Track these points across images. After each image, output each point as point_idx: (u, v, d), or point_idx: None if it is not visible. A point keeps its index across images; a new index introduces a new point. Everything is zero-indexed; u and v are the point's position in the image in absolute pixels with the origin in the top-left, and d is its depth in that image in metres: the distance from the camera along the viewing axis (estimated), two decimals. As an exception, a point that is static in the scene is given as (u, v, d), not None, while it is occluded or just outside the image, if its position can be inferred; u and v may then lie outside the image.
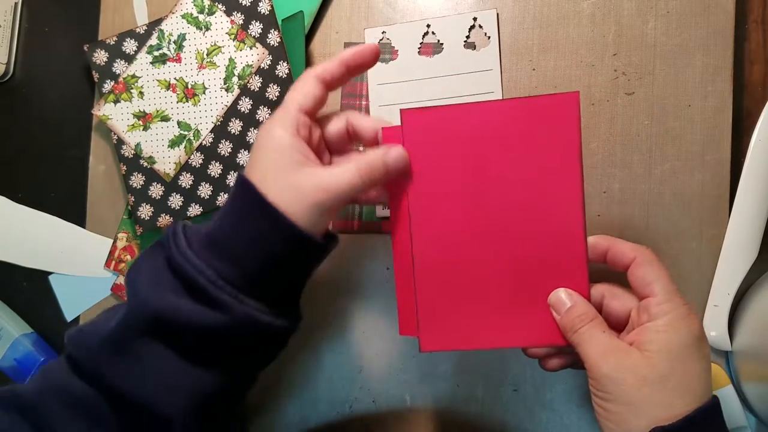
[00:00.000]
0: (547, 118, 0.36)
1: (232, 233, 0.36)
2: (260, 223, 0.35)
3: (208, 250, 0.35)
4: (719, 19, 0.47)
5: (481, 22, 0.49)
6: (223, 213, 0.37)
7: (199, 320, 0.34)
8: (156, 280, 0.35)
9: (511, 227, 0.37)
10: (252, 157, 0.37)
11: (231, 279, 0.34)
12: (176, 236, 0.36)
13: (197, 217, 0.52)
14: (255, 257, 0.35)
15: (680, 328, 0.34)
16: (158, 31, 0.51)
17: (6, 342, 0.52)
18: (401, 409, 0.49)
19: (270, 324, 0.35)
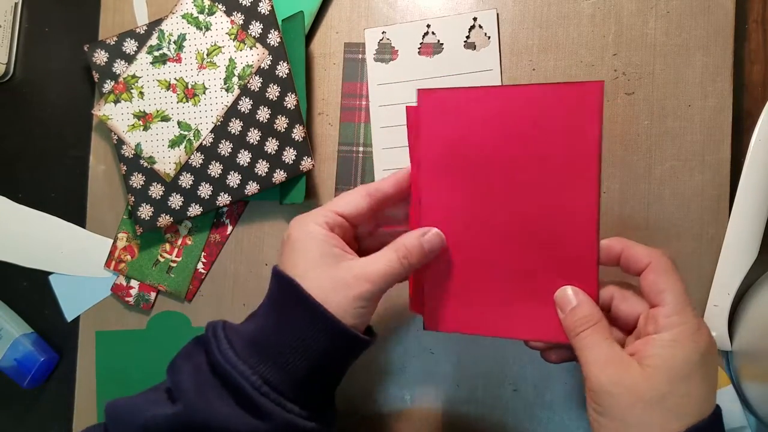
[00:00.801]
0: (568, 107, 0.35)
1: (276, 334, 0.35)
2: (305, 322, 0.34)
3: (252, 353, 0.34)
4: (719, 19, 0.47)
5: (481, 22, 0.49)
6: (264, 311, 0.36)
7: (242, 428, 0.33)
8: (200, 384, 0.35)
9: (524, 217, 0.36)
10: (286, 251, 0.37)
11: (275, 384, 0.34)
12: (217, 337, 0.35)
13: (197, 217, 0.52)
14: (300, 359, 0.34)
15: (686, 344, 0.32)
16: (158, 31, 0.51)
17: (6, 342, 0.53)
18: (401, 409, 0.49)
19: (311, 429, 0.35)
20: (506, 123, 0.35)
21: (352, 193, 0.38)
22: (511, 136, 0.36)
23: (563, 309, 0.36)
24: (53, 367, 0.54)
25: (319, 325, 0.34)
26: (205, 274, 0.52)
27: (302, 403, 0.35)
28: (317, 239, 0.36)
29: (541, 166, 0.35)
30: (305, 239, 0.36)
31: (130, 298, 0.53)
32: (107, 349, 0.53)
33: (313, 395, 0.36)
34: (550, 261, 0.36)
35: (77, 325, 0.54)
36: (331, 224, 0.37)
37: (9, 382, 0.53)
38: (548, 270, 0.36)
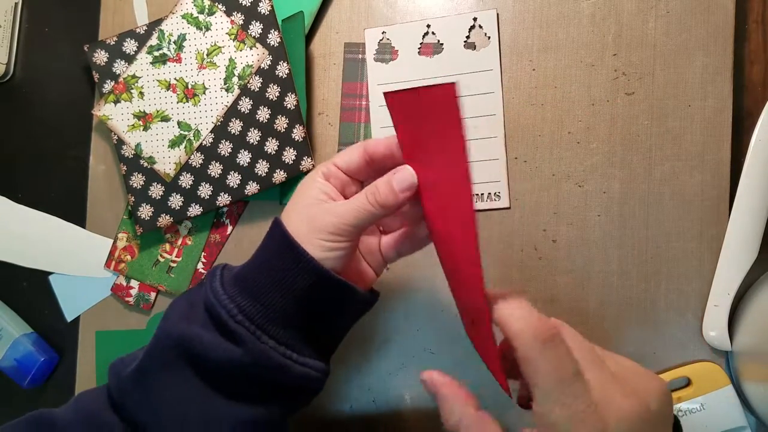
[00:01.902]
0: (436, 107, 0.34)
1: (258, 268, 0.37)
2: (280, 256, 0.36)
3: (235, 286, 0.36)
4: (719, 19, 0.47)
5: (481, 22, 0.49)
6: (256, 252, 0.38)
7: (216, 351, 0.35)
8: (187, 314, 0.37)
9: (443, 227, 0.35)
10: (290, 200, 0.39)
11: (252, 315, 0.35)
12: (213, 274, 0.37)
13: (197, 217, 0.52)
14: (277, 294, 0.36)
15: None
16: (158, 31, 0.51)
17: (6, 342, 0.53)
18: (401, 408, 0.49)
19: (286, 366, 0.35)
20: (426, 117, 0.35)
21: (351, 148, 0.39)
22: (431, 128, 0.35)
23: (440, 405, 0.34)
24: (53, 367, 0.54)
25: (291, 258, 0.35)
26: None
27: (282, 341, 0.36)
28: (311, 185, 0.38)
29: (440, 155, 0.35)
30: (302, 187, 0.38)
31: (130, 298, 0.53)
32: (107, 349, 0.53)
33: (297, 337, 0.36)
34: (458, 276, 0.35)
35: (77, 325, 0.54)
36: (327, 174, 0.38)
37: (9, 382, 0.53)
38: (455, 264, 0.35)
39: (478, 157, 0.49)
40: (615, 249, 0.47)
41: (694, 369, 0.46)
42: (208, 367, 0.35)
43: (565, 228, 0.48)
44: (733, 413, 0.45)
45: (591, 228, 0.48)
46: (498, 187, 0.49)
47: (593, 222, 0.48)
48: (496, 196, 0.49)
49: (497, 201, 0.49)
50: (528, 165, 0.49)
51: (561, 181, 0.48)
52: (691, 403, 0.46)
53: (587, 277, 0.48)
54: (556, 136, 0.48)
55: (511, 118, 0.49)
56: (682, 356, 0.47)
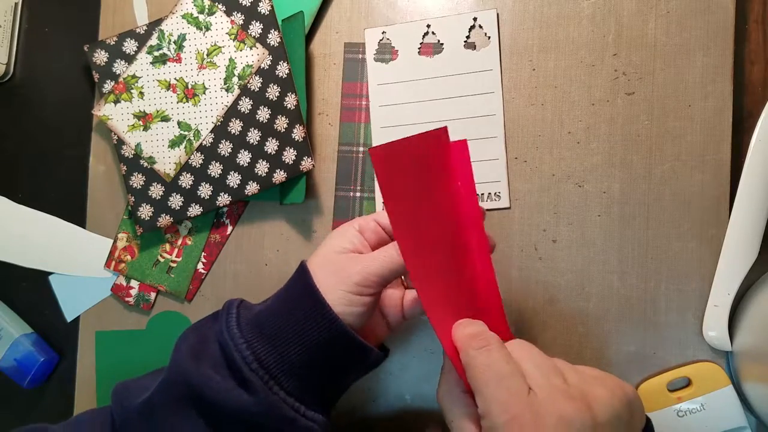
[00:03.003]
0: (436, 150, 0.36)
1: (278, 315, 0.36)
2: (304, 307, 0.35)
3: (252, 330, 0.36)
4: (719, 19, 0.47)
5: (481, 22, 0.49)
6: (279, 293, 0.38)
7: (227, 397, 0.34)
8: (199, 351, 0.36)
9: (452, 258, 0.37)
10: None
11: (268, 364, 0.35)
12: (229, 313, 0.37)
13: (197, 217, 0.52)
14: (295, 345, 0.35)
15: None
16: (158, 31, 0.51)
17: (6, 342, 0.53)
18: (401, 409, 0.49)
19: (295, 420, 0.35)
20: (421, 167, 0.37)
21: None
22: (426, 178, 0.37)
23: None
24: (53, 367, 0.54)
25: (315, 312, 0.35)
26: (205, 274, 0.52)
27: (293, 392, 0.35)
28: (343, 234, 0.38)
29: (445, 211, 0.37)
30: (335, 234, 0.38)
31: (130, 298, 0.53)
32: (107, 349, 0.53)
33: (306, 390, 0.36)
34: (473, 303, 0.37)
35: (77, 326, 0.54)
36: (363, 227, 0.39)
37: (9, 383, 0.53)
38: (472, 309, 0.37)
39: (478, 157, 0.49)
40: (615, 249, 0.47)
41: (695, 369, 0.46)
42: (215, 412, 0.35)
43: (565, 228, 0.48)
44: (733, 413, 0.45)
45: (591, 228, 0.48)
46: (498, 187, 0.49)
47: (593, 222, 0.48)
48: (496, 196, 0.49)
49: (497, 201, 0.49)
50: (528, 165, 0.49)
51: (561, 181, 0.48)
52: (691, 403, 0.46)
53: (587, 277, 0.48)
54: (556, 136, 0.48)
55: (511, 118, 0.49)
56: (682, 356, 0.47)
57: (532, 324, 0.48)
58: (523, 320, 0.48)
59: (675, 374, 0.46)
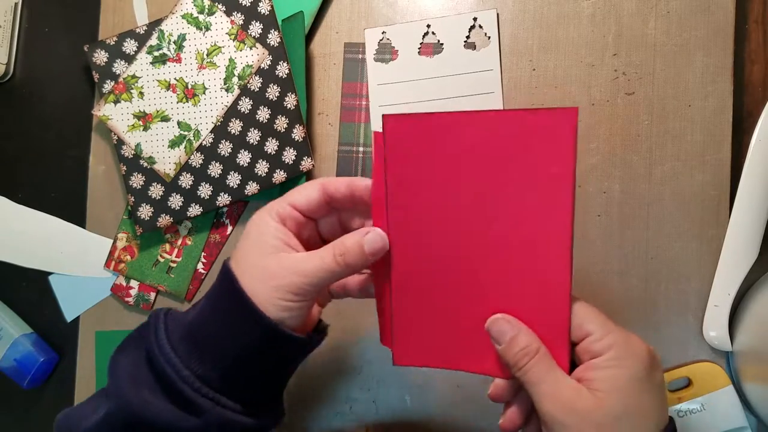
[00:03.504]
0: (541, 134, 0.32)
1: (208, 324, 0.34)
2: (232, 312, 0.34)
3: (186, 345, 0.34)
4: (719, 19, 0.47)
5: (481, 22, 0.49)
6: (204, 299, 0.36)
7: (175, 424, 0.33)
8: (135, 376, 0.34)
9: (491, 251, 0.34)
10: (239, 241, 0.36)
11: (207, 378, 0.33)
12: (157, 330, 0.35)
13: (197, 217, 0.52)
14: (231, 351, 0.34)
15: (627, 361, 0.31)
16: (158, 31, 0.51)
17: (6, 342, 0.52)
18: (401, 409, 0.49)
19: (246, 424, 0.34)
20: (475, 151, 0.33)
21: (307, 185, 0.37)
22: (480, 164, 0.33)
23: (499, 340, 0.33)
24: (53, 367, 0.54)
25: (244, 315, 0.33)
26: (205, 274, 0.52)
27: (235, 397, 0.34)
28: (265, 230, 0.35)
29: (512, 198, 0.33)
30: (254, 230, 0.35)
31: (130, 298, 0.53)
32: (107, 349, 0.53)
33: (248, 391, 0.35)
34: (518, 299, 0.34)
35: (77, 326, 0.54)
36: (283, 216, 0.36)
37: (9, 383, 0.53)
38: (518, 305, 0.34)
39: (478, 157, 0.49)
40: (615, 249, 0.47)
41: (695, 369, 0.46)
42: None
43: (565, 228, 0.48)
44: (733, 413, 0.45)
45: (591, 228, 0.48)
46: (498, 187, 0.49)
47: (593, 222, 0.48)
48: None
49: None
50: (528, 165, 0.49)
51: (561, 181, 0.48)
52: (691, 404, 0.46)
53: (587, 277, 0.48)
54: (556, 136, 0.48)
55: (511, 118, 0.49)
56: (682, 356, 0.47)
57: (532, 324, 0.48)
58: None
59: (675, 374, 0.46)
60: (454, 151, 0.33)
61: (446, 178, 0.34)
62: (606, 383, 0.31)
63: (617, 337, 0.31)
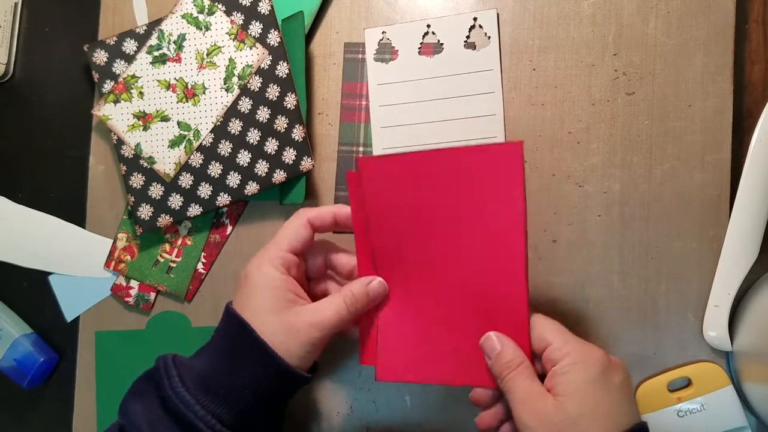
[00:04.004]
0: (491, 168, 0.36)
1: (228, 375, 0.37)
2: (257, 365, 0.37)
3: (204, 392, 0.36)
4: (719, 19, 0.47)
5: (481, 22, 0.49)
6: (215, 349, 0.38)
7: None
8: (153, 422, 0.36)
9: (461, 272, 0.38)
10: (242, 292, 0.39)
11: (228, 422, 0.36)
12: (169, 374, 0.36)
13: (197, 217, 0.52)
14: (253, 401, 0.37)
15: (582, 364, 0.34)
16: (158, 31, 0.51)
17: (6, 342, 0.52)
18: (401, 410, 0.49)
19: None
20: (440, 184, 0.38)
21: (294, 224, 0.41)
22: (445, 196, 0.38)
23: (489, 355, 0.37)
24: (53, 367, 0.54)
25: (270, 369, 0.36)
26: (205, 274, 0.52)
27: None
28: (274, 283, 0.38)
29: (473, 224, 0.37)
30: (262, 283, 0.38)
31: (130, 298, 0.53)
32: (107, 349, 0.53)
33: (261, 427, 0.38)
34: (487, 312, 0.38)
35: (77, 326, 0.54)
36: (287, 265, 0.40)
37: (9, 383, 0.53)
38: (485, 321, 0.38)
39: (478, 157, 0.49)
40: (615, 249, 0.47)
41: (695, 369, 0.46)
42: None
43: (565, 228, 0.48)
44: (733, 413, 0.45)
45: (591, 228, 0.48)
46: (498, 187, 0.49)
47: (593, 222, 0.48)
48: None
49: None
50: (528, 165, 0.49)
51: (561, 181, 0.48)
52: (691, 404, 0.46)
53: (587, 277, 0.48)
54: (556, 136, 0.48)
55: (511, 118, 0.49)
56: (682, 356, 0.47)
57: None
58: (523, 320, 0.48)
59: (675, 374, 0.46)
60: (421, 185, 0.38)
61: (417, 209, 0.38)
62: (564, 387, 0.34)
63: (574, 345, 0.35)
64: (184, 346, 0.52)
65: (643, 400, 0.46)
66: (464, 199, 0.37)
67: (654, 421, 0.46)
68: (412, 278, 0.40)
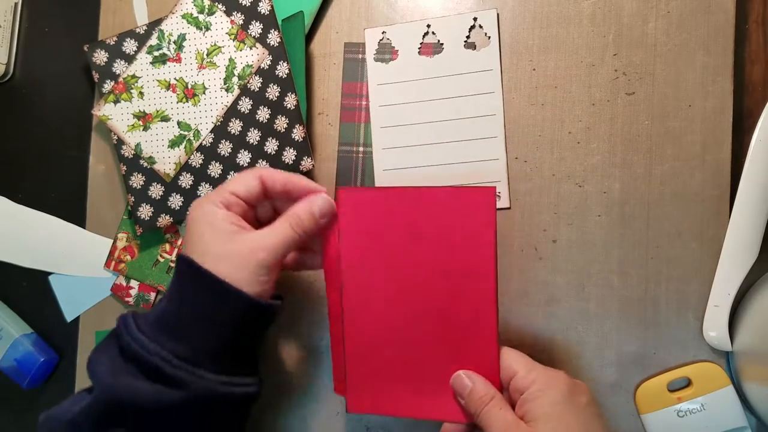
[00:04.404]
0: (465, 209, 0.38)
1: (180, 312, 0.36)
2: (207, 297, 0.36)
3: (159, 333, 0.36)
4: (719, 19, 0.47)
5: (481, 22, 0.49)
6: (169, 294, 0.38)
7: (155, 399, 0.34)
8: (113, 368, 0.36)
9: (432, 307, 0.39)
10: (187, 234, 0.39)
11: (186, 356, 0.35)
12: (127, 325, 0.37)
13: (197, 217, 0.52)
14: (207, 332, 0.36)
15: (547, 389, 0.35)
16: (158, 31, 0.51)
17: (6, 342, 0.53)
18: (401, 409, 0.49)
19: (229, 394, 0.36)
20: (415, 223, 0.39)
21: (245, 175, 0.40)
22: (420, 235, 0.39)
23: (461, 394, 0.38)
24: (53, 367, 0.54)
25: (223, 299, 0.36)
26: (205, 274, 0.52)
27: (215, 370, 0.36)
28: (214, 218, 0.38)
29: (446, 263, 0.39)
30: (202, 220, 0.38)
31: (130, 298, 0.53)
32: (107, 349, 0.53)
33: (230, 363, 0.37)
34: (458, 347, 0.39)
35: (77, 326, 0.54)
36: (227, 203, 0.39)
37: (9, 383, 0.53)
38: (456, 355, 0.39)
39: (478, 157, 0.49)
40: (615, 249, 0.47)
41: (695, 369, 0.46)
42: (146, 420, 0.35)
43: (565, 228, 0.48)
44: (733, 413, 0.45)
45: (591, 228, 0.48)
46: (498, 187, 0.49)
47: (593, 222, 0.48)
48: (497, 197, 0.49)
49: (497, 201, 0.49)
50: (528, 165, 0.49)
51: (561, 181, 0.48)
52: (691, 404, 0.46)
53: (587, 277, 0.48)
54: (556, 136, 0.48)
55: (511, 118, 0.49)
56: (682, 356, 0.47)
57: (532, 324, 0.48)
58: (523, 320, 0.48)
59: (675, 374, 0.46)
60: (397, 220, 0.39)
61: (391, 242, 0.39)
62: (535, 412, 0.35)
63: (539, 371, 0.37)
64: (184, 346, 0.52)
65: (643, 400, 0.46)
66: (438, 237, 0.39)
67: (654, 421, 0.46)
68: (382, 310, 0.40)
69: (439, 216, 0.39)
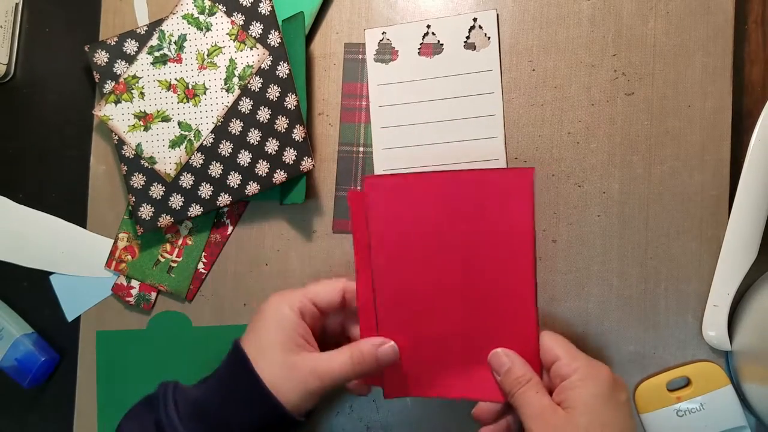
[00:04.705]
0: (503, 191, 0.37)
1: (221, 408, 0.37)
2: (251, 404, 0.36)
3: (196, 421, 0.36)
4: (719, 19, 0.47)
5: (481, 22, 0.49)
6: (215, 381, 0.38)
7: None
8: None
9: (469, 289, 0.39)
10: (254, 324, 0.39)
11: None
12: (166, 398, 0.37)
13: (198, 217, 0.52)
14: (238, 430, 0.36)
15: (590, 380, 0.35)
16: (159, 31, 0.51)
17: (7, 342, 0.53)
18: (401, 409, 0.49)
19: None
20: (447, 206, 0.38)
21: (330, 286, 0.41)
22: (453, 218, 0.39)
23: (498, 371, 0.39)
24: (54, 367, 0.54)
25: (264, 409, 0.36)
26: (206, 274, 0.52)
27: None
28: (286, 323, 0.38)
29: (482, 244, 0.38)
30: (274, 318, 0.38)
31: (131, 298, 0.53)
32: (108, 349, 0.53)
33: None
34: (496, 328, 0.39)
35: (78, 325, 0.54)
36: (303, 312, 0.39)
37: (10, 382, 0.53)
38: (495, 336, 0.39)
39: (479, 157, 0.49)
40: (615, 249, 0.47)
41: (694, 369, 0.46)
42: None
43: (565, 228, 0.48)
44: (732, 413, 0.45)
45: (591, 228, 0.48)
46: (498, 187, 0.49)
47: (593, 222, 0.48)
48: None
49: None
50: (528, 165, 0.49)
51: (561, 181, 0.48)
52: (690, 403, 0.46)
53: (587, 277, 0.48)
54: (556, 136, 0.48)
55: (511, 118, 0.49)
56: (681, 356, 0.47)
57: (532, 324, 0.48)
58: (523, 320, 0.48)
59: (675, 374, 0.46)
60: (429, 205, 0.39)
61: (424, 229, 0.39)
62: (574, 401, 0.35)
63: (582, 361, 0.37)
64: (185, 345, 0.52)
65: (642, 399, 0.46)
66: (473, 221, 0.38)
67: (653, 421, 0.46)
68: (415, 295, 0.40)
69: (474, 198, 0.38)
